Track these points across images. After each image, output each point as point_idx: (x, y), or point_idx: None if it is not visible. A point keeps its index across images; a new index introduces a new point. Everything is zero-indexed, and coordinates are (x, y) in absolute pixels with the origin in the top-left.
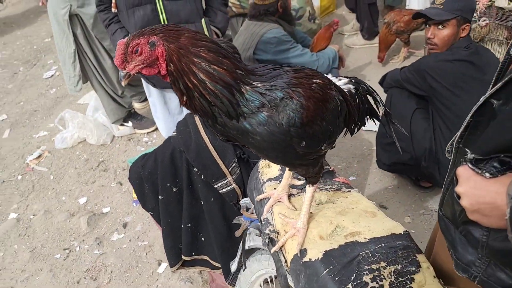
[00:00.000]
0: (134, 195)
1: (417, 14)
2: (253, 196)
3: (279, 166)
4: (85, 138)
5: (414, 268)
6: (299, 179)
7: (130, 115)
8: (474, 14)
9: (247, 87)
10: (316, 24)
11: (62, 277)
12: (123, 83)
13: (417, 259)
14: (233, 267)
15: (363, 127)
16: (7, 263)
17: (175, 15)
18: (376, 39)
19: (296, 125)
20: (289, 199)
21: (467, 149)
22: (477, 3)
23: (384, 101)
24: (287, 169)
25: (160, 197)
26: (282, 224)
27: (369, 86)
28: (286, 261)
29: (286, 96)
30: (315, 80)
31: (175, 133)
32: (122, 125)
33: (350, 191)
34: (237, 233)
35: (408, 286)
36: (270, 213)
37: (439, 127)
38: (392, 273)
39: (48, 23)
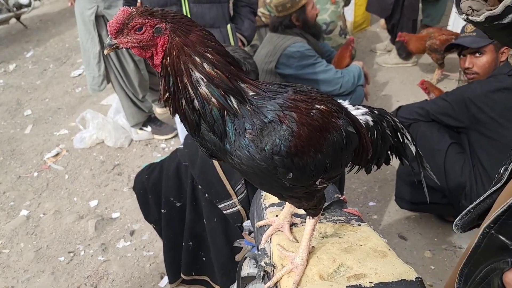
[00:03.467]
0: None
1: (451, 45)
2: (254, 221)
3: None
4: (103, 140)
5: None
6: None
7: (150, 120)
8: None
9: (239, 106)
10: (346, 39)
11: (63, 281)
12: (105, 52)
13: None
14: None
15: (385, 164)
16: (12, 261)
17: (200, 18)
18: (410, 61)
19: (281, 153)
20: (291, 229)
21: (501, 237)
22: None
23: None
24: None
25: (163, 210)
26: (279, 257)
27: (398, 121)
28: None
29: (275, 119)
30: (317, 106)
31: (183, 146)
32: (141, 129)
33: (360, 225)
34: (237, 258)
35: None
36: (268, 243)
37: (479, 163)
38: None
39: None
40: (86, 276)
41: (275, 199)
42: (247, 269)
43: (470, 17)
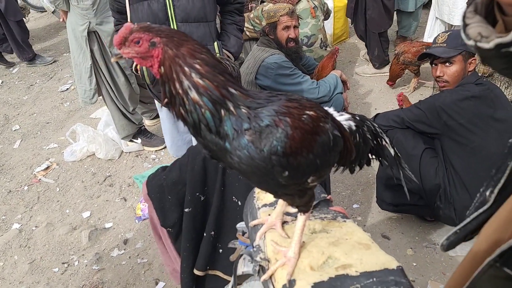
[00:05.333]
0: (138, 212)
1: (424, 54)
2: (248, 221)
3: None
4: (94, 152)
5: None
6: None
7: (140, 132)
8: None
9: (234, 108)
10: (327, 51)
11: None
12: (112, 60)
13: None
14: None
15: (366, 166)
16: (6, 273)
17: None
18: (386, 68)
19: (278, 154)
20: (282, 226)
21: (507, 269)
22: None
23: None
24: None
25: (186, 209)
26: (273, 252)
27: (377, 126)
28: None
29: (272, 123)
30: (308, 112)
31: None
32: (131, 141)
33: (345, 221)
34: (232, 258)
35: None
36: (262, 240)
37: (451, 166)
38: None
39: (67, 38)
40: (81, 285)
41: (267, 200)
42: (242, 267)
43: (478, 44)
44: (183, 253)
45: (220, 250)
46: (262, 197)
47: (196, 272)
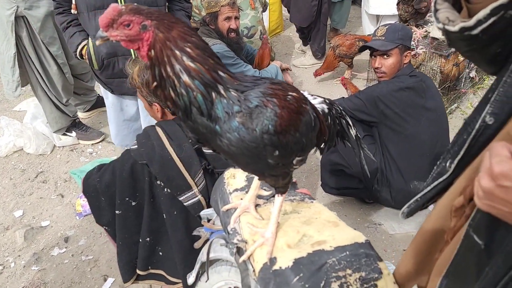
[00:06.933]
0: (78, 208)
1: (364, 47)
2: (218, 207)
3: (244, 177)
4: (21, 147)
5: (376, 275)
6: (265, 190)
7: (74, 125)
8: (412, 42)
9: (224, 91)
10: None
11: None
12: (97, 42)
13: (378, 266)
14: (190, 279)
15: (333, 147)
16: None
17: None
18: (323, 58)
19: (270, 132)
20: (255, 209)
21: (475, 236)
22: (414, 33)
23: None
24: (255, 179)
25: (117, 211)
26: (250, 234)
27: (342, 109)
28: (254, 270)
29: (261, 104)
30: (290, 93)
31: (135, 146)
32: (64, 134)
33: (312, 202)
34: (197, 245)
35: None
36: (237, 223)
37: (388, 152)
38: (358, 280)
39: None
40: (21, 287)
41: (238, 185)
42: (211, 253)
43: (446, 26)
44: (117, 250)
45: (160, 253)
46: (232, 182)
47: (138, 272)
